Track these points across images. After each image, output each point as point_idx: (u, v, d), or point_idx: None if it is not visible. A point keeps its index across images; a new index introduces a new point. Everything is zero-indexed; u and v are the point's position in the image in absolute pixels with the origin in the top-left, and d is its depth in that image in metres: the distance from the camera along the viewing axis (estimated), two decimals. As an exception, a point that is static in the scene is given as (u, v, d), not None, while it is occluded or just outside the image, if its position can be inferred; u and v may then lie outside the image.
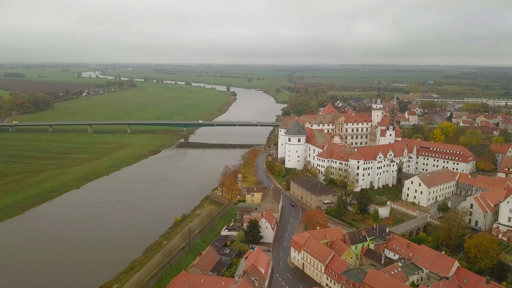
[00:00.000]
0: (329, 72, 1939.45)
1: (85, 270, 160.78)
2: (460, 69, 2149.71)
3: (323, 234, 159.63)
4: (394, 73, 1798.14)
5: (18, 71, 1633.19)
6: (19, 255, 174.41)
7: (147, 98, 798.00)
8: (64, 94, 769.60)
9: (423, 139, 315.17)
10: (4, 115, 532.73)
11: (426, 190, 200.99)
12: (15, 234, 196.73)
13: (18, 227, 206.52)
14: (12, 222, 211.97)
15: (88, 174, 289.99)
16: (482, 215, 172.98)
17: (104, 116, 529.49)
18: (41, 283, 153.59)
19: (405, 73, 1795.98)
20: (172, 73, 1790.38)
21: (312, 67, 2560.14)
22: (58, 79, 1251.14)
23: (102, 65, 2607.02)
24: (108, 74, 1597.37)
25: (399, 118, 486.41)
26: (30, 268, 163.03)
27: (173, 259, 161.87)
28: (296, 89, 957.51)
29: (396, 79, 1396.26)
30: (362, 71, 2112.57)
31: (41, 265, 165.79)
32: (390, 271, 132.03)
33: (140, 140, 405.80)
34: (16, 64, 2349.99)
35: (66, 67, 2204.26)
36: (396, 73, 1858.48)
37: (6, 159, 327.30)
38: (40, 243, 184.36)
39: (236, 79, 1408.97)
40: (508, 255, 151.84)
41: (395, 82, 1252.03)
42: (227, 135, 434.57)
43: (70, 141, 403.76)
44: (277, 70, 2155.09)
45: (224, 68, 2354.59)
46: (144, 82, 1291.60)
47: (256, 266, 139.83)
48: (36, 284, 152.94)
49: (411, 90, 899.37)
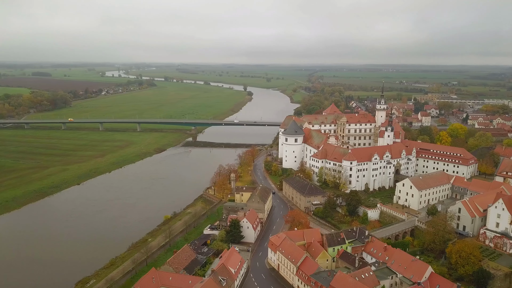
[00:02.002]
0: (351, 72, 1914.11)
1: (66, 266, 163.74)
2: (489, 69, 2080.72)
3: (301, 235, 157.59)
4: (418, 73, 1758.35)
5: (46, 70, 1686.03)
6: (0, 251, 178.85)
7: (164, 97, 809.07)
8: (84, 93, 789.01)
9: (429, 141, 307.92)
10: (23, 113, 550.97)
11: (417, 193, 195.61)
12: (1, 231, 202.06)
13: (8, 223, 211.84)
14: (4, 218, 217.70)
15: (90, 171, 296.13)
16: (469, 220, 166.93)
17: (118, 115, 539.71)
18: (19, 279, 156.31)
19: (430, 74, 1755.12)
20: (193, 73, 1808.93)
21: (334, 67, 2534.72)
22: (82, 78, 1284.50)
23: (126, 64, 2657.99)
24: (132, 74, 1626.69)
25: (412, 119, 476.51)
26: (10, 265, 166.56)
27: (151, 257, 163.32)
28: (313, 89, 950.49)
29: (419, 79, 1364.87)
30: (386, 71, 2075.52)
31: (21, 261, 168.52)
32: (360, 275, 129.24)
33: (147, 139, 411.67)
34: (45, 63, 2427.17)
35: (92, 66, 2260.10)
36: (421, 73, 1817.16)
37: (16, 155, 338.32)
38: (24, 240, 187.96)
39: (256, 79, 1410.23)
40: (492, 262, 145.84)
41: (417, 83, 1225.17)
42: (235, 134, 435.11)
43: (80, 139, 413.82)
44: (298, 70, 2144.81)
45: (245, 68, 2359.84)
46: (164, 82, 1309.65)
47: (226, 266, 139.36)
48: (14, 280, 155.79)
49: (432, 90, 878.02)
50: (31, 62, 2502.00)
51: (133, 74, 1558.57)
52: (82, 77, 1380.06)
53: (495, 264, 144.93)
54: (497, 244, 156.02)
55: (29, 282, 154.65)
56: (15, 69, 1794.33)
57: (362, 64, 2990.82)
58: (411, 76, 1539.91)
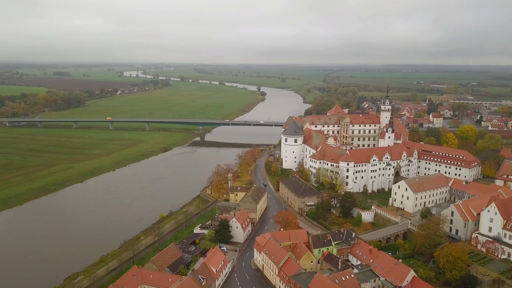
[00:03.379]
0: (369, 73, 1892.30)
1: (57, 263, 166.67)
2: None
3: (287, 236, 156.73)
4: (438, 74, 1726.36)
5: (67, 70, 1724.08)
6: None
7: (177, 97, 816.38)
8: (99, 92, 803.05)
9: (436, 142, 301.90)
10: (38, 112, 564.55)
11: (413, 196, 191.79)
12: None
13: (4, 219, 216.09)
14: (4, 214, 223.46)
15: (95, 169, 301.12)
16: (462, 223, 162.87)
17: (130, 114, 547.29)
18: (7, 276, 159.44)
19: (450, 74, 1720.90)
20: (210, 73, 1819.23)
21: (352, 67, 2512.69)
22: (101, 78, 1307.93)
23: (145, 64, 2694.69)
24: (149, 74, 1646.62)
25: (423, 120, 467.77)
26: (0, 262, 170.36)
27: (138, 255, 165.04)
28: (327, 89, 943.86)
29: (438, 80, 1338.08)
30: (405, 71, 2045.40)
31: (12, 258, 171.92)
32: (341, 277, 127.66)
33: (155, 138, 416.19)
34: (67, 63, 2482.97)
35: (111, 66, 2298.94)
36: (441, 73, 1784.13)
37: (25, 153, 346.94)
38: (16, 237, 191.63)
39: (271, 79, 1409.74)
40: (481, 267, 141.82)
41: (435, 83, 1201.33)
42: (243, 134, 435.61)
43: (89, 137, 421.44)
44: (316, 70, 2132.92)
45: (263, 68, 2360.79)
46: (180, 82, 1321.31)
47: (207, 265, 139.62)
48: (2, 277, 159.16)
49: (448, 91, 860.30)
50: (53, 62, 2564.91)
51: (151, 74, 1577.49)
52: (101, 77, 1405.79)
53: (484, 269, 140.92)
54: (489, 249, 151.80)
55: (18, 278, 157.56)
56: (38, 69, 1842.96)
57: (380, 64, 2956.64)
58: (430, 77, 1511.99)
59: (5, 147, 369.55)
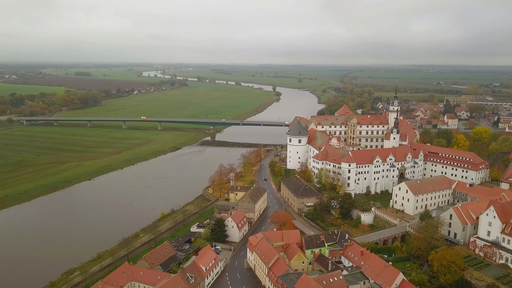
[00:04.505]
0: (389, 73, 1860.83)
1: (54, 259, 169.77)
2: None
3: (280, 236, 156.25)
4: (460, 74, 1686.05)
5: (89, 70, 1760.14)
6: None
7: (192, 97, 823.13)
8: (116, 92, 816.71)
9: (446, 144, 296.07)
10: (55, 111, 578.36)
11: (413, 198, 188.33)
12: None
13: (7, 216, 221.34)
14: (11, 210, 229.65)
15: (103, 167, 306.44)
16: (461, 227, 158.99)
17: (144, 113, 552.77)
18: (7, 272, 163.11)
19: (473, 75, 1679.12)
20: (228, 73, 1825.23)
21: (372, 67, 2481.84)
22: (120, 78, 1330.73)
23: (165, 65, 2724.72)
24: (168, 74, 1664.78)
25: (437, 122, 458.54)
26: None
27: (134, 252, 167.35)
28: (343, 89, 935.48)
29: (459, 80, 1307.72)
30: (426, 71, 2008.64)
31: (11, 255, 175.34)
32: (329, 278, 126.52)
33: (165, 137, 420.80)
34: (89, 64, 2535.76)
35: (132, 66, 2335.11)
36: (463, 74, 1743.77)
37: (39, 151, 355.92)
38: (19, 234, 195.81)
39: (288, 79, 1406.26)
40: (477, 272, 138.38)
41: (456, 84, 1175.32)
42: (253, 134, 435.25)
43: (102, 136, 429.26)
44: (335, 70, 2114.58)
45: (281, 68, 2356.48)
46: (197, 82, 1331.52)
47: (197, 264, 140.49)
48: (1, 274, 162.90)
49: (468, 92, 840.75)
50: (76, 63, 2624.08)
51: (169, 74, 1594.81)
52: (120, 77, 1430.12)
53: (479, 274, 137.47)
54: (486, 253, 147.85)
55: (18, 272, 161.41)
56: (61, 69, 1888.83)
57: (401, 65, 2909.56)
58: (451, 77, 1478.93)
59: (20, 145, 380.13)
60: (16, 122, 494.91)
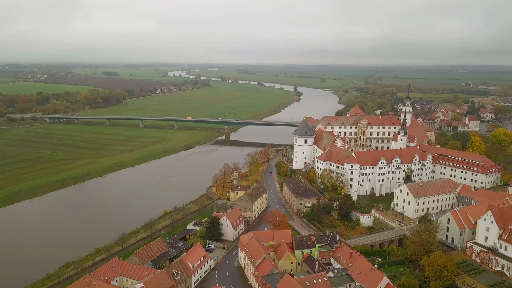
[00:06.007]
0: (417, 74, 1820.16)
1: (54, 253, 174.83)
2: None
3: (271, 236, 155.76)
4: (491, 75, 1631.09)
5: (116, 70, 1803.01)
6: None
7: (212, 97, 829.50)
8: (139, 91, 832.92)
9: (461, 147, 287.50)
10: (78, 109, 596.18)
11: (414, 201, 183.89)
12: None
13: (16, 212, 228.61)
14: (23, 204, 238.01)
15: (115, 164, 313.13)
16: (458, 231, 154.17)
17: (164, 112, 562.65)
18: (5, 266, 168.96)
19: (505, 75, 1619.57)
20: (252, 73, 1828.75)
21: (399, 67, 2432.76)
22: (146, 78, 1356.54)
23: (191, 65, 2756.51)
24: (193, 74, 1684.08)
25: (457, 123, 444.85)
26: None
27: (129, 248, 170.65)
28: (365, 90, 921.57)
29: (489, 81, 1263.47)
30: (456, 72, 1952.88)
31: (11, 249, 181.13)
32: (313, 280, 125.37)
33: (180, 136, 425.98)
34: (117, 63, 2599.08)
35: (159, 66, 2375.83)
36: (494, 74, 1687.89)
37: (57, 147, 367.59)
38: (20, 230, 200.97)
39: (311, 79, 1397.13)
40: (470, 279, 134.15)
41: (485, 85, 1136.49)
42: (268, 134, 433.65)
43: (119, 134, 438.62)
44: (360, 71, 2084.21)
45: (305, 68, 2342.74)
46: (220, 82, 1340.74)
47: (184, 261, 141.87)
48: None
49: (496, 93, 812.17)
50: (105, 63, 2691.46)
51: (194, 74, 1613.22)
52: (146, 76, 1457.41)
53: (472, 280, 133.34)
54: (483, 259, 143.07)
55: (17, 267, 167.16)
56: (90, 69, 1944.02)
57: (430, 65, 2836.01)
58: (481, 78, 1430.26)
59: (40, 141, 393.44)
60: (39, 120, 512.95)
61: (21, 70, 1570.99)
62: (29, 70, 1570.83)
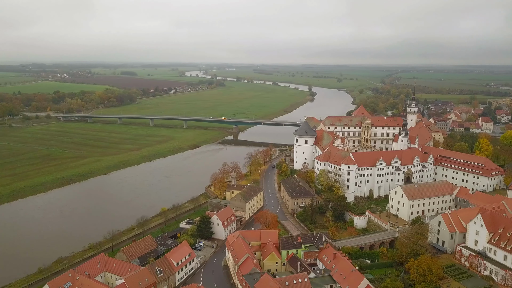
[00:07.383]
0: (437, 74, 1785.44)
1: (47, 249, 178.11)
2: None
3: (258, 235, 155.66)
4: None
5: (135, 70, 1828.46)
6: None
7: (226, 97, 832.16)
8: (153, 91, 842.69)
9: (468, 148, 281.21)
10: (91, 108, 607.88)
11: (408, 203, 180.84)
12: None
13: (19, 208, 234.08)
14: (28, 200, 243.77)
15: (120, 162, 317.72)
16: (449, 235, 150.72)
17: (176, 112, 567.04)
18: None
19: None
20: (268, 73, 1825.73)
21: (418, 67, 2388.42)
22: (163, 77, 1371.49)
23: (209, 65, 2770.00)
24: (210, 74, 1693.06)
25: (469, 125, 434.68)
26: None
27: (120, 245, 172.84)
28: (381, 90, 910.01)
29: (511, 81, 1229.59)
30: (477, 72, 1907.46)
31: (6, 244, 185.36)
32: (293, 280, 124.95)
33: (188, 135, 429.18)
34: (136, 63, 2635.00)
35: (177, 66, 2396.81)
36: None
37: (66, 145, 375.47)
38: (20, 226, 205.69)
39: (327, 79, 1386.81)
40: (456, 283, 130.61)
41: (507, 85, 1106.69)
42: (275, 134, 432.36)
43: (128, 133, 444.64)
44: (379, 71, 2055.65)
45: (323, 68, 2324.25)
46: (235, 82, 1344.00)
47: (168, 258, 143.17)
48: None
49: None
50: (124, 63, 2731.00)
51: (210, 74, 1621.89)
52: (163, 76, 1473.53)
53: (458, 284, 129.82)
54: (472, 263, 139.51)
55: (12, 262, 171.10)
56: (109, 68, 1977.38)
57: (450, 65, 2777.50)
58: (504, 79, 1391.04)
59: (51, 139, 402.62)
60: (53, 118, 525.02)
61: (43, 70, 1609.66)
62: (51, 70, 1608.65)
